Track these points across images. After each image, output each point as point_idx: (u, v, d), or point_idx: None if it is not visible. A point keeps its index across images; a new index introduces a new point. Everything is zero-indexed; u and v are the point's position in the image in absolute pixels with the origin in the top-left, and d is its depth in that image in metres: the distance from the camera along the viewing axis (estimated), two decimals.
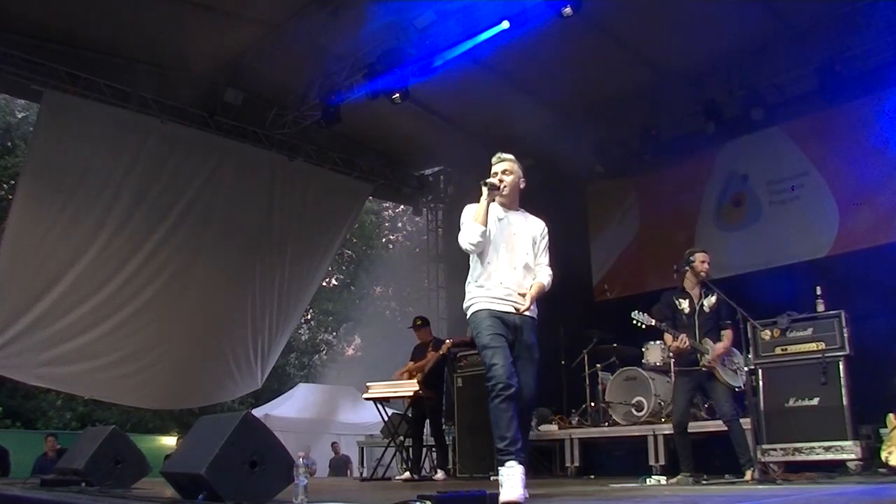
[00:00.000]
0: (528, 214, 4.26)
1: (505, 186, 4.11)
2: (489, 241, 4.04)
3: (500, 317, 3.93)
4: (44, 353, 8.07)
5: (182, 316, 9.02)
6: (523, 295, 3.97)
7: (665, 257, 7.55)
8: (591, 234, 10.13)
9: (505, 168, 4.17)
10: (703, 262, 5.74)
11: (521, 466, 3.60)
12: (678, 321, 5.69)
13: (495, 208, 4.13)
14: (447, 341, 7.82)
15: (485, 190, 4.01)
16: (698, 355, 5.55)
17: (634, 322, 5.62)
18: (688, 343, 5.49)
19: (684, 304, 5.73)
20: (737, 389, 5.66)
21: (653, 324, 5.61)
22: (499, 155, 4.23)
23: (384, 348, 15.87)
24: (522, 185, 4.22)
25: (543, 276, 4.11)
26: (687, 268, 5.77)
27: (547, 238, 4.20)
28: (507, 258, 4.04)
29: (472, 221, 4.00)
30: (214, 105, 9.30)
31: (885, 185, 7.67)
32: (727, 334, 5.63)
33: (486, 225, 4.00)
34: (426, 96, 9.36)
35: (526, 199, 4.29)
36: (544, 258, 4.16)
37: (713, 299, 5.68)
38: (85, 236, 8.38)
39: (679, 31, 8.08)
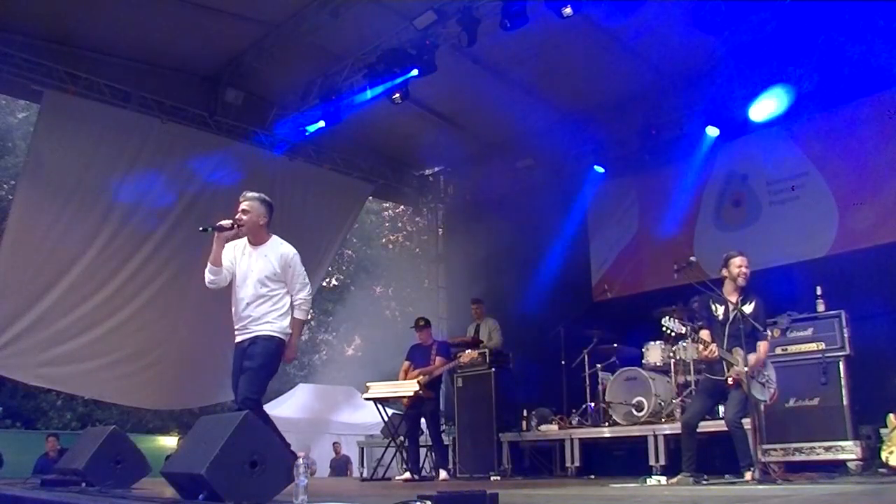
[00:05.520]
0: (273, 246, 4.59)
1: (242, 225, 4.50)
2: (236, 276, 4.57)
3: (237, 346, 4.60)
4: (44, 353, 8.05)
5: (182, 316, 9.01)
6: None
7: (664, 257, 7.55)
8: (591, 233, 10.11)
9: (243, 207, 4.54)
10: (739, 266, 5.44)
11: None
12: (714, 327, 5.47)
13: (243, 244, 4.61)
14: (468, 351, 7.73)
15: (215, 233, 4.46)
16: (724, 364, 5.33)
17: (665, 329, 5.38)
18: (717, 353, 5.28)
19: (720, 311, 5.48)
20: (763, 404, 5.52)
21: (683, 331, 5.37)
22: (244, 193, 4.62)
23: (384, 348, 15.84)
24: (262, 222, 4.56)
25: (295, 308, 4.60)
26: (724, 272, 5.51)
27: (291, 264, 4.59)
28: (241, 292, 4.56)
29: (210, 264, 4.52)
30: (214, 105, 9.30)
31: (884, 185, 7.66)
32: (762, 346, 5.43)
33: (220, 265, 4.54)
34: (426, 96, 9.36)
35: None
36: (293, 283, 4.61)
37: (752, 306, 5.45)
38: (85, 236, 8.37)
39: (678, 32, 8.07)
